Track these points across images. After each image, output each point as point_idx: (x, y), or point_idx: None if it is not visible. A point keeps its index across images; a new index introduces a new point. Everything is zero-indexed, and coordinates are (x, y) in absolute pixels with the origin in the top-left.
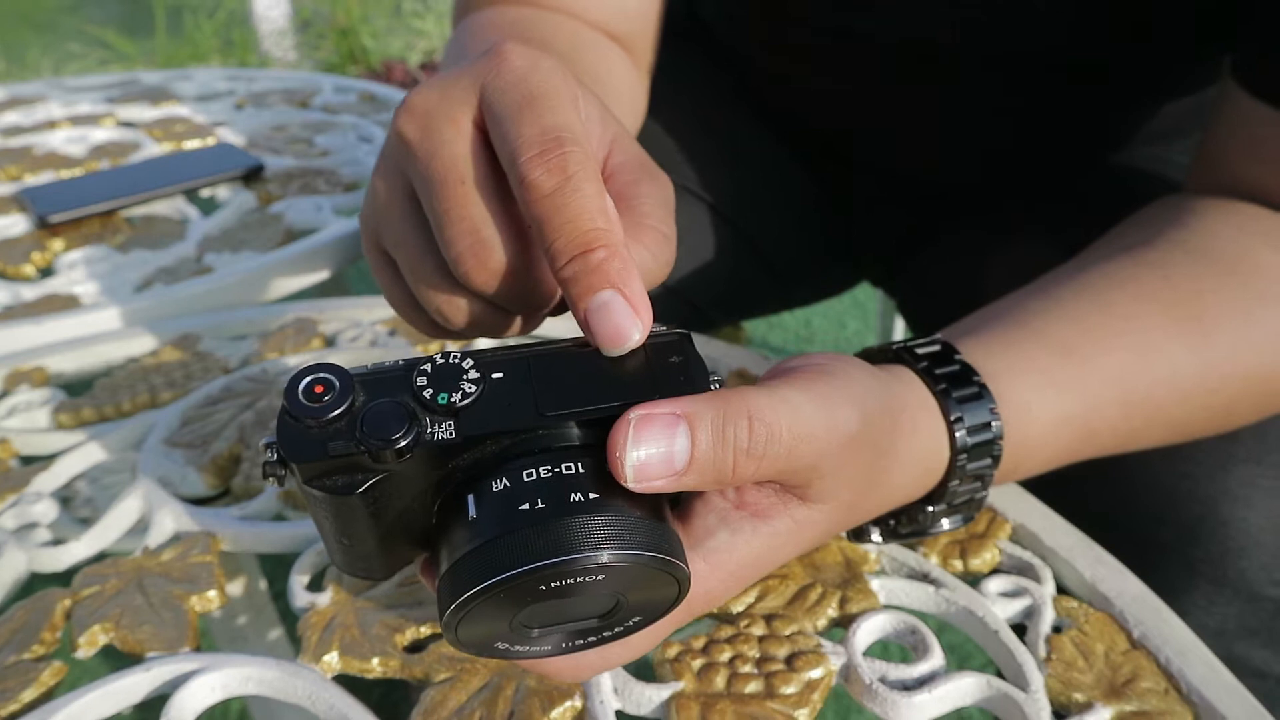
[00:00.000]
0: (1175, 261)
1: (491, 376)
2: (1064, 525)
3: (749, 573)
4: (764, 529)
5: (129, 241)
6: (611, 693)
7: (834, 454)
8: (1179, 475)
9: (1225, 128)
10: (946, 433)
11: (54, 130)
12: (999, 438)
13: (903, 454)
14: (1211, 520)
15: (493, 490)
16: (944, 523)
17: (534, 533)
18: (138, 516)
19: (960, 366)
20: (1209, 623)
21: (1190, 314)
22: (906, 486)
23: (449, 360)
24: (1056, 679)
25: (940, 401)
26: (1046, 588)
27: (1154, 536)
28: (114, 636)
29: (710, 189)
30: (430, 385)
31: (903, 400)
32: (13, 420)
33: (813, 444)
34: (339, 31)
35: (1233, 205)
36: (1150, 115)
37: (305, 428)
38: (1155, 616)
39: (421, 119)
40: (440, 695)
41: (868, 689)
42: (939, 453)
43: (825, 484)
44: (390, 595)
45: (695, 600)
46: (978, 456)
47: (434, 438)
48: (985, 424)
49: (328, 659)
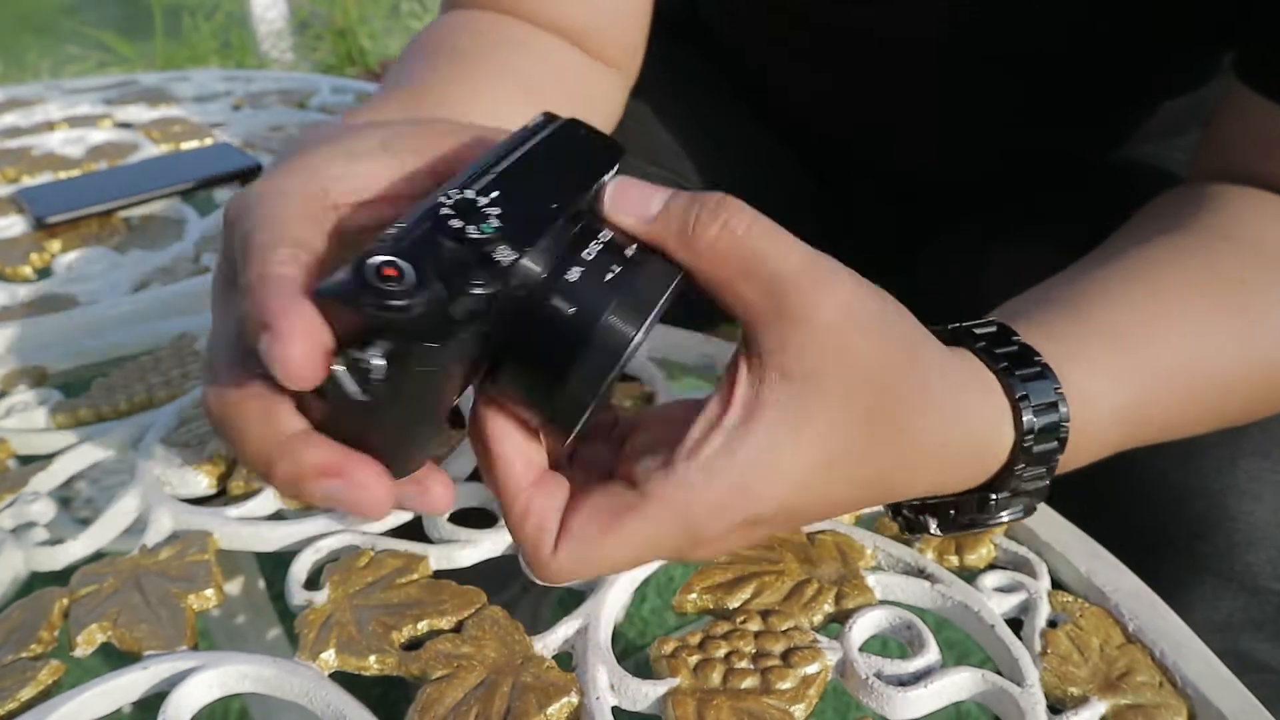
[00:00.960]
0: (1215, 249)
1: (494, 195)
2: (1059, 520)
3: (760, 481)
4: (757, 425)
5: (126, 242)
6: (608, 688)
7: (816, 286)
8: (1186, 469)
9: (1232, 124)
10: (1010, 412)
11: (52, 131)
12: (1065, 421)
13: (952, 424)
14: (1218, 514)
15: (571, 279)
16: (1004, 515)
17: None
18: (135, 515)
19: (1020, 347)
20: (1215, 617)
21: (1237, 305)
22: (961, 465)
23: (462, 195)
24: (1052, 673)
25: (1002, 380)
26: (1042, 582)
27: (1161, 530)
28: (112, 635)
29: (709, 189)
30: (462, 220)
31: (955, 367)
32: (10, 420)
33: (780, 250)
34: (336, 33)
35: (1252, 192)
36: (1149, 113)
37: (402, 309)
38: (1150, 610)
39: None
40: (437, 692)
41: (864, 684)
42: (1000, 434)
43: (811, 343)
44: (387, 593)
45: (700, 512)
46: (1044, 439)
47: (506, 260)
48: (1052, 404)
49: (325, 656)
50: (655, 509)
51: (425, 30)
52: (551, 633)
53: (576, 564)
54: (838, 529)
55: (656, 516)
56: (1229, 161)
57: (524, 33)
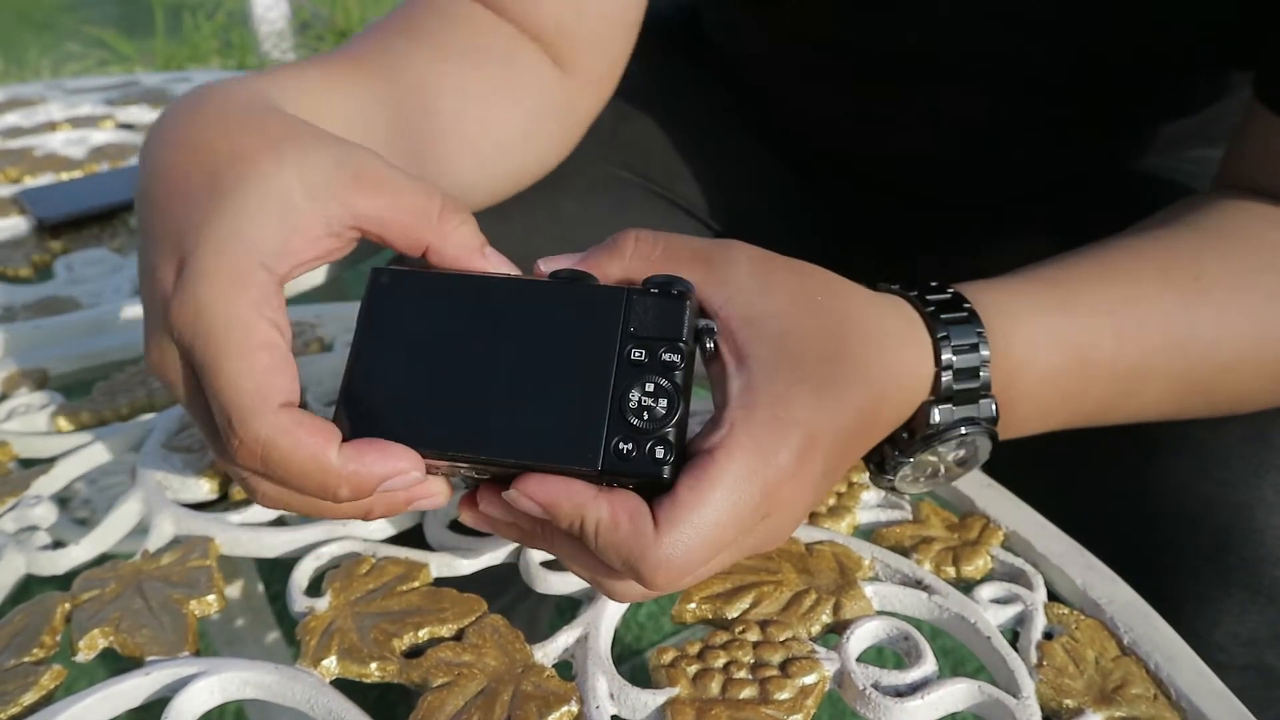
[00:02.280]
0: (1179, 234)
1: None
2: (1055, 532)
3: (790, 399)
4: (752, 362)
5: (128, 244)
6: (608, 698)
7: (727, 245)
8: (1211, 481)
9: (1252, 144)
10: (931, 347)
11: (53, 132)
12: (985, 361)
13: (891, 360)
14: (1245, 527)
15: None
16: (963, 429)
17: None
18: (137, 520)
19: (952, 295)
20: (1240, 631)
21: (1187, 272)
22: (898, 402)
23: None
24: (1048, 685)
25: (928, 321)
26: (1038, 594)
27: (1185, 542)
28: (113, 640)
29: (709, 207)
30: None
31: (879, 311)
32: (12, 423)
33: (685, 237)
34: (337, 33)
35: (1255, 199)
36: (1155, 128)
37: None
38: (1145, 623)
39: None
40: (437, 699)
41: (861, 695)
42: (924, 360)
43: (749, 286)
44: (388, 601)
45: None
46: (964, 367)
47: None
48: (964, 319)
49: (326, 663)
50: (728, 447)
51: (398, 10)
52: (551, 641)
53: (691, 542)
54: (835, 539)
55: (734, 456)
56: (1249, 180)
57: (488, 41)
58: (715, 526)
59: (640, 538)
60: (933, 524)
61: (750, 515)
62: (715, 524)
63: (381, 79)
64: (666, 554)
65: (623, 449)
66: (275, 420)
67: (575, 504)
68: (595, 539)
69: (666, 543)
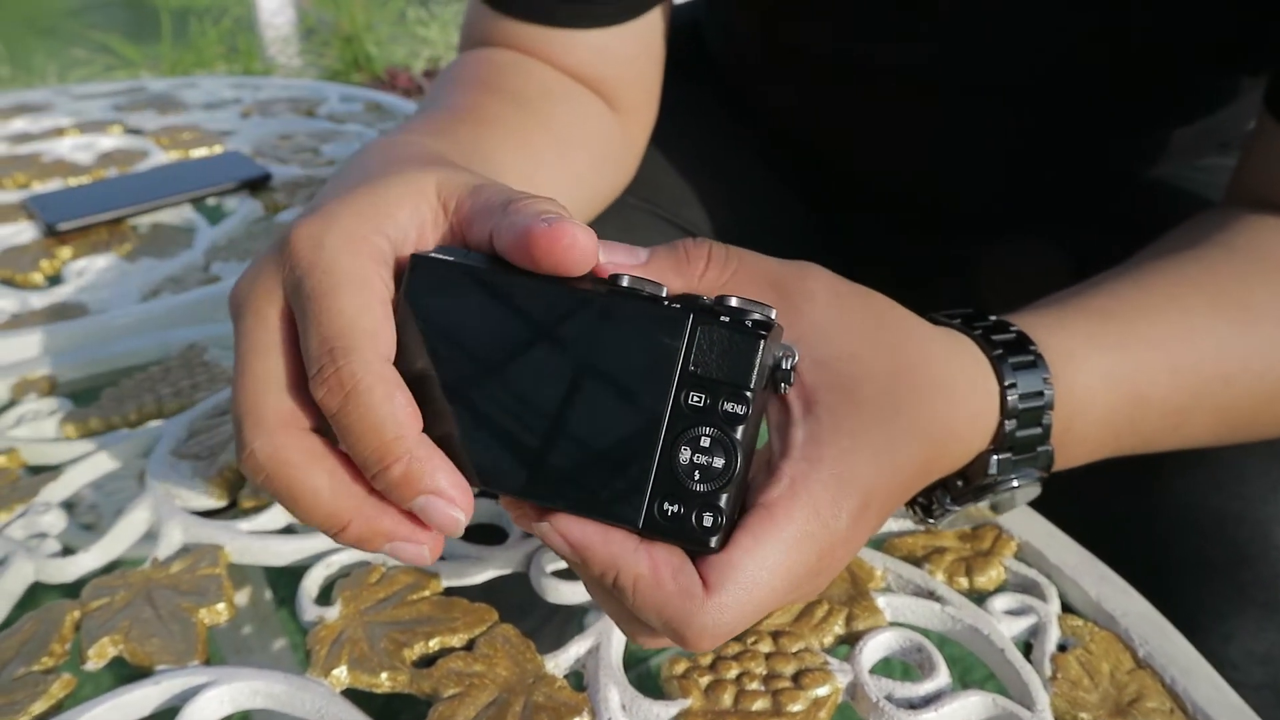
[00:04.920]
0: (1219, 257)
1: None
2: (1069, 543)
3: (850, 457)
4: (818, 409)
5: (136, 250)
6: (620, 709)
7: (802, 270)
8: (1228, 496)
9: (1264, 156)
10: (998, 395)
11: (61, 138)
12: (1049, 384)
13: (958, 404)
14: (1262, 544)
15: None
16: (1014, 480)
17: None
18: (146, 528)
19: (1016, 335)
20: (1257, 649)
21: (1236, 301)
22: (965, 439)
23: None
24: (1062, 698)
25: (995, 366)
26: (1052, 606)
27: (1201, 556)
28: (123, 649)
29: (715, 232)
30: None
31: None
32: (20, 430)
33: (760, 257)
34: (343, 39)
35: (1272, 215)
36: (1167, 135)
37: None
38: (1160, 635)
39: (237, 303)
40: (448, 710)
41: (874, 707)
42: (989, 410)
43: (823, 323)
44: (398, 610)
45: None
46: (1028, 404)
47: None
48: (1031, 362)
49: (336, 673)
50: (787, 506)
51: (458, 64)
52: (563, 652)
53: (743, 607)
54: None
55: (793, 517)
56: (1262, 192)
57: (552, 79)
58: (769, 591)
59: (686, 599)
60: (945, 534)
61: (805, 578)
62: (769, 588)
63: (483, 128)
64: (715, 619)
65: (667, 510)
66: (380, 369)
67: (610, 553)
68: (633, 596)
69: (715, 606)
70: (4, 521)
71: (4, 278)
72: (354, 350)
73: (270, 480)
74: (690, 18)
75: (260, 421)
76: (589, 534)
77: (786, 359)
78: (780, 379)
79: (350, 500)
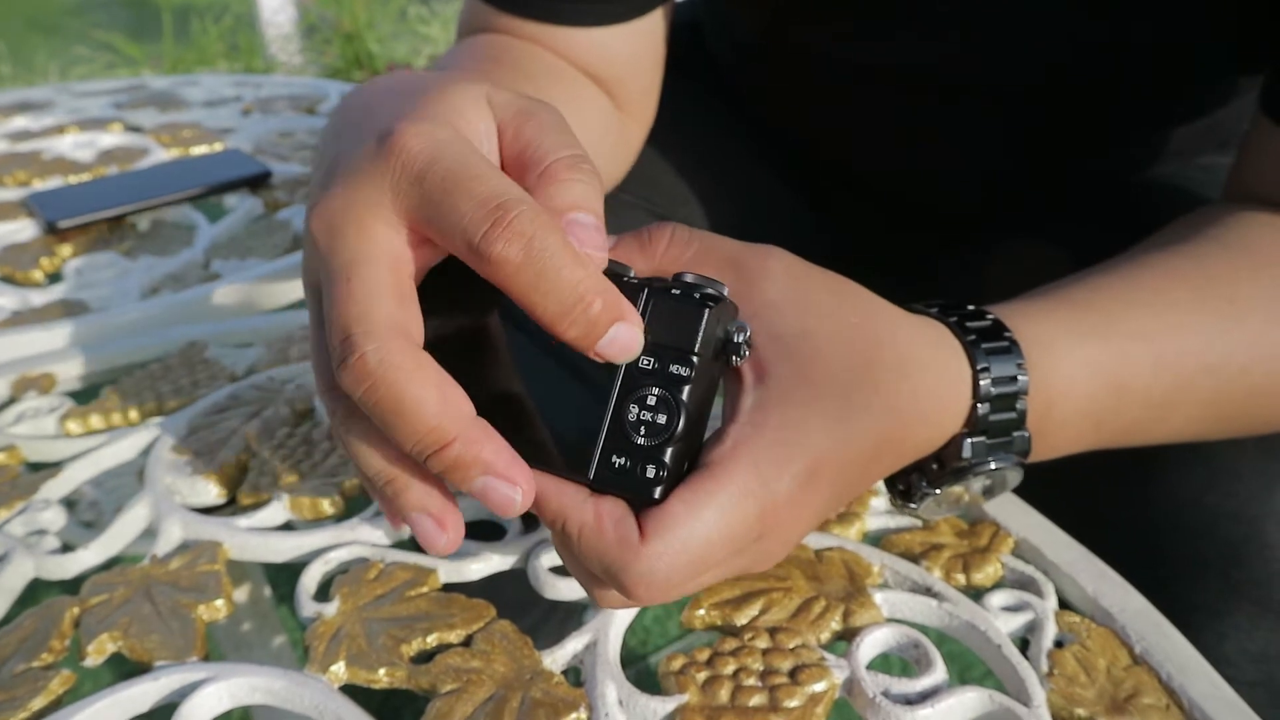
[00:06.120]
0: (1209, 251)
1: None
2: (1066, 540)
3: (800, 421)
4: (770, 379)
5: (137, 247)
6: (617, 705)
7: (762, 253)
8: (1222, 494)
9: (1259, 156)
10: (970, 379)
11: (62, 135)
12: (1023, 391)
13: (919, 387)
14: (1256, 542)
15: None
16: (991, 461)
17: None
18: (145, 524)
19: (992, 322)
20: (1251, 647)
21: (1223, 295)
22: (934, 422)
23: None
24: (1059, 694)
25: (968, 351)
26: (1049, 602)
27: (1195, 555)
28: (122, 645)
29: (711, 227)
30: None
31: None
32: (21, 426)
33: (721, 239)
34: (345, 36)
35: (1272, 212)
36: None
37: None
38: (1157, 632)
39: (329, 219)
40: (446, 706)
41: (871, 703)
42: (961, 394)
43: (780, 300)
44: (396, 606)
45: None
46: (1001, 390)
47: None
48: (1005, 348)
49: (335, 669)
50: (727, 464)
51: (457, 47)
52: (560, 647)
53: (676, 557)
54: (845, 546)
55: (733, 474)
56: (1257, 189)
57: (558, 62)
58: (704, 543)
59: (623, 547)
60: (942, 531)
61: (743, 536)
62: (704, 540)
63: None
64: (649, 566)
65: (615, 464)
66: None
67: (561, 504)
68: (578, 543)
69: (649, 555)
70: (4, 518)
71: (4, 275)
72: (523, 198)
73: (375, 388)
74: (690, 17)
75: (372, 328)
76: (545, 486)
77: (739, 333)
78: (732, 351)
79: (458, 420)
